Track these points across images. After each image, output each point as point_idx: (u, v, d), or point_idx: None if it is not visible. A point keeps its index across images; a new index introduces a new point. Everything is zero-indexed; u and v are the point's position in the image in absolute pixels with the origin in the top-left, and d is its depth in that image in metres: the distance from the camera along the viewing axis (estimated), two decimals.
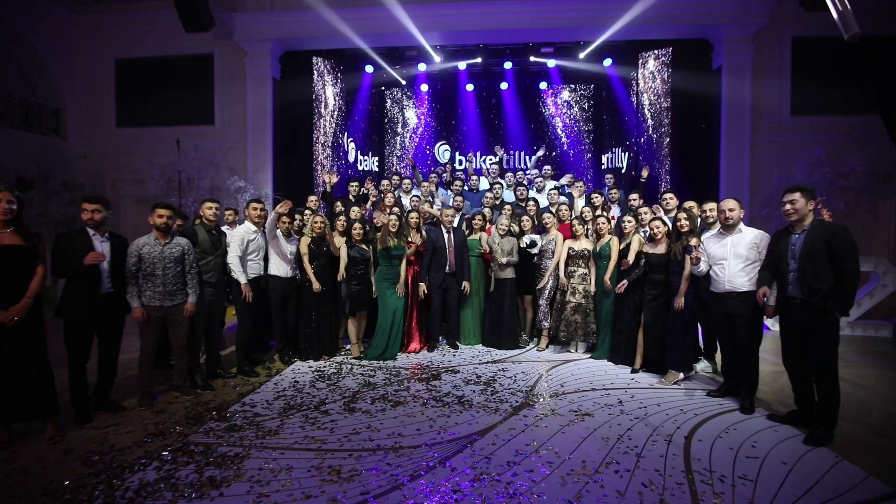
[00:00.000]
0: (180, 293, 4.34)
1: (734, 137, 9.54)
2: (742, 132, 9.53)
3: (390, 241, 5.56)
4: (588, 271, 5.73)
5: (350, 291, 5.49)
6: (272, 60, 10.03)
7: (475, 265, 6.13)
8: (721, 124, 9.59)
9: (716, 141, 9.70)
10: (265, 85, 10.03)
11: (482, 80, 11.22)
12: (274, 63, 10.09)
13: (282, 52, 10.21)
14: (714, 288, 4.32)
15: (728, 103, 9.56)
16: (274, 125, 10.07)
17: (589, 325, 5.63)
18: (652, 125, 10.22)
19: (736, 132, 9.54)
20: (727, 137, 9.56)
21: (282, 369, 5.25)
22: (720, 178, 9.62)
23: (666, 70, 9.94)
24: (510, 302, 5.95)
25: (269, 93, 10.03)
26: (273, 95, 10.07)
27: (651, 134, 10.23)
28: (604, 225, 5.62)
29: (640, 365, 5.13)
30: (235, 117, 10.18)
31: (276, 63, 10.18)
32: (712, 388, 4.65)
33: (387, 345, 5.58)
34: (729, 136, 9.55)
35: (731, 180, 9.52)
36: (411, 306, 5.83)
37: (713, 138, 9.74)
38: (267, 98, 10.03)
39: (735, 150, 9.53)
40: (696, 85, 9.82)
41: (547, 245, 5.90)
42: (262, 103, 10.03)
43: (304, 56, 10.26)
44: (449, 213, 5.92)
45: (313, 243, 5.46)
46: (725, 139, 9.56)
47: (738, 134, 9.54)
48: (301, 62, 10.27)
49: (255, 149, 10.04)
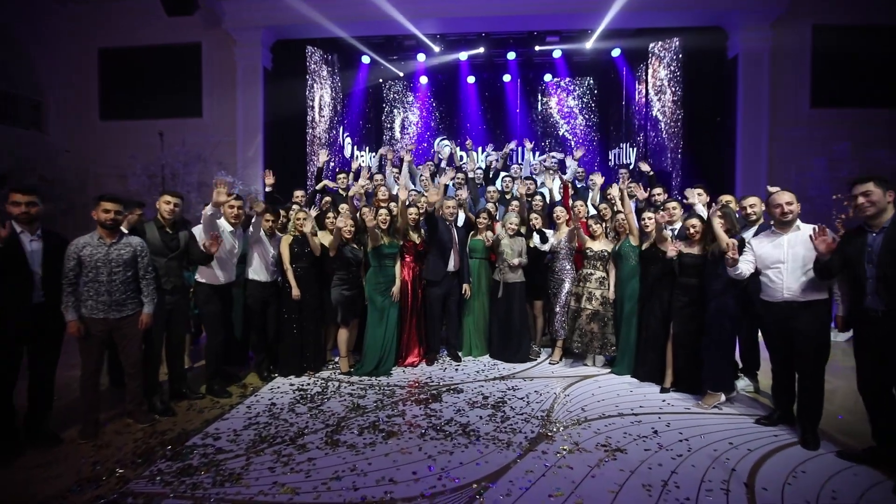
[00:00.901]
0: (131, 302, 3.52)
1: (751, 131, 8.73)
2: (759, 125, 8.71)
3: (382, 239, 4.75)
4: (606, 275, 4.93)
5: (341, 297, 4.68)
6: (263, 50, 9.19)
7: (478, 267, 5.31)
8: (737, 117, 8.77)
9: (731, 135, 8.88)
10: (256, 75, 9.19)
11: (484, 73, 10.40)
12: (265, 52, 9.26)
13: (273, 41, 9.37)
14: (767, 296, 3.52)
15: (745, 95, 8.73)
16: (265, 118, 9.24)
17: (607, 335, 4.83)
18: (662, 119, 9.42)
19: (753, 125, 8.73)
20: (744, 131, 8.74)
21: (259, 387, 4.44)
22: (736, 174, 8.80)
23: (678, 60, 9.14)
24: (520, 308, 5.13)
25: (259, 84, 9.19)
26: (264, 87, 9.23)
27: (661, 128, 9.42)
28: (623, 222, 4.82)
29: (670, 383, 4.32)
30: (224, 110, 9.34)
31: (268, 53, 9.34)
32: (759, 413, 3.85)
33: (380, 359, 4.77)
34: (745, 129, 8.73)
35: (748, 176, 8.70)
36: (409, 313, 5.01)
37: (728, 132, 8.92)
38: (257, 89, 9.19)
39: (752, 144, 8.72)
40: (710, 75, 9.02)
41: (560, 244, 5.09)
42: (253, 95, 9.19)
43: (297, 46, 9.44)
44: (450, 205, 5.10)
45: (296, 243, 4.65)
46: (742, 133, 8.74)
47: (756, 127, 8.72)
48: (294, 52, 9.44)
49: (244, 143, 9.21)
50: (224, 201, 3.98)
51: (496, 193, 6.04)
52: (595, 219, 5.01)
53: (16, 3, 8.92)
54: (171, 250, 3.88)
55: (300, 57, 9.47)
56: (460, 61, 9.96)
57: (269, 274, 4.59)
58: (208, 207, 3.93)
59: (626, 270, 4.74)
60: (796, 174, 8.70)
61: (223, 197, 3.94)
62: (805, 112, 8.79)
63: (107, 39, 9.60)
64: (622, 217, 4.83)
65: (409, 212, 4.98)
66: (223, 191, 3.94)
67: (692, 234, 4.17)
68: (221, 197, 3.94)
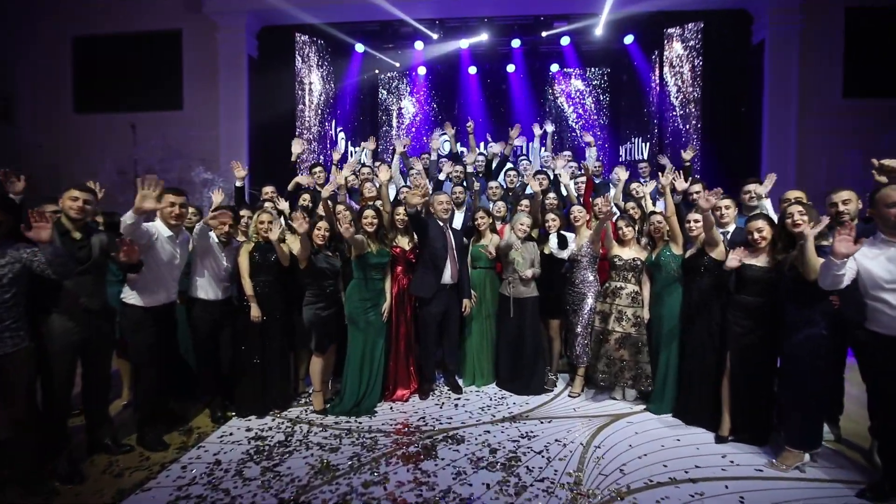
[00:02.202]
0: (14, 335, 2.47)
1: (778, 122, 7.60)
2: (787, 116, 7.59)
3: (368, 246, 3.68)
4: (639, 289, 3.85)
5: (315, 317, 3.61)
6: (248, 36, 8.10)
7: (481, 278, 4.23)
8: (763, 107, 7.65)
9: (756, 127, 7.76)
10: (240, 64, 8.09)
11: (486, 63, 9.28)
12: (250, 39, 8.16)
13: (259, 28, 8.27)
14: (880, 326, 2.45)
15: (771, 83, 7.61)
16: (250, 110, 8.15)
17: (641, 364, 3.74)
18: (680, 111, 8.30)
19: (780, 116, 7.60)
20: (770, 122, 7.62)
21: (207, 434, 3.37)
22: (762, 169, 7.67)
23: (697, 46, 8.02)
24: (532, 329, 4.05)
25: (244, 73, 8.09)
26: (249, 76, 8.13)
27: (679, 121, 8.31)
28: (661, 225, 3.74)
29: (728, 431, 3.25)
30: (207, 101, 8.23)
31: (253, 40, 8.24)
32: (853, 475, 2.79)
33: (362, 394, 3.71)
34: (772, 120, 7.61)
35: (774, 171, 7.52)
36: (399, 336, 3.93)
37: (753, 124, 7.81)
38: (242, 79, 8.09)
39: (779, 136, 7.60)
40: (733, 63, 7.89)
41: (581, 250, 4.01)
42: (237, 85, 8.09)
43: (285, 32, 8.33)
44: (443, 201, 3.99)
45: (258, 251, 3.58)
46: (769, 124, 7.62)
47: (783, 118, 7.60)
48: (281, 39, 8.34)
49: (227, 136, 8.12)
50: (149, 209, 2.87)
51: (499, 190, 4.95)
52: (626, 220, 3.93)
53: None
54: (80, 262, 2.80)
55: (288, 45, 8.37)
56: (461, 50, 8.84)
57: (222, 290, 3.52)
58: (127, 215, 2.84)
59: (665, 284, 3.65)
60: (827, 169, 7.60)
61: (149, 203, 2.83)
62: (837, 102, 7.66)
63: (82, 27, 8.51)
64: (659, 219, 3.75)
65: (397, 211, 3.90)
66: (150, 194, 2.84)
67: (757, 241, 3.09)
68: (147, 203, 2.82)
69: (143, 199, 2.79)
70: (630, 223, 3.95)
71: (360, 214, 3.71)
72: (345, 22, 8.37)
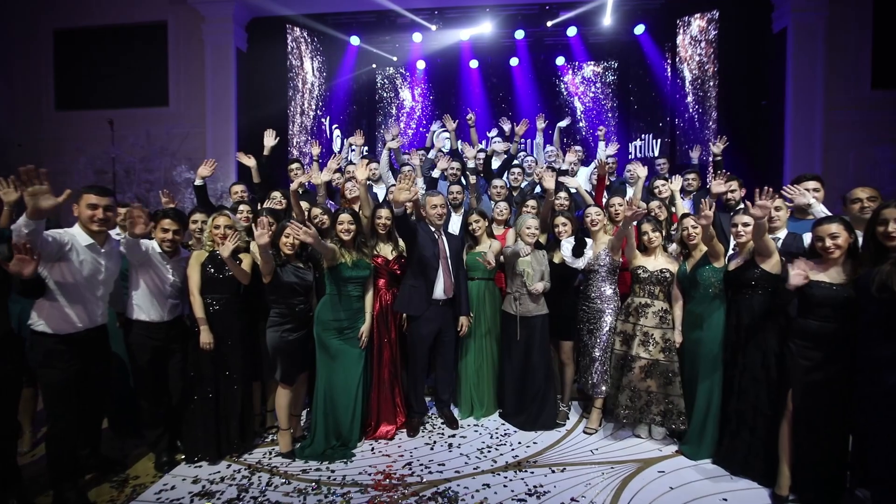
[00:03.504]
0: None
1: (802, 116, 6.83)
2: (812, 109, 6.81)
3: (342, 256, 2.97)
4: (669, 306, 3.12)
5: (280, 342, 2.90)
6: (236, 28, 7.40)
7: (478, 291, 3.49)
8: (786, 100, 6.87)
9: (778, 121, 6.99)
10: (227, 58, 7.40)
11: (489, 56, 8.53)
12: (238, 31, 7.47)
13: (248, 19, 7.58)
14: None
15: (795, 74, 6.83)
16: (238, 106, 7.46)
17: (671, 398, 3.02)
18: (695, 105, 7.55)
19: (804, 109, 6.82)
20: (794, 116, 6.84)
21: (146, 485, 2.68)
22: (784, 165, 6.91)
23: (713, 36, 7.26)
24: (542, 352, 3.32)
25: (231, 67, 7.40)
26: (237, 70, 7.44)
27: (694, 115, 7.55)
28: (694, 230, 3.01)
29: (788, 489, 2.51)
30: (193, 97, 7.55)
31: (242, 31, 7.55)
32: None
33: (335, 433, 3.00)
34: (796, 114, 6.84)
35: (798, 168, 6.75)
36: (380, 363, 3.22)
37: (775, 118, 7.04)
38: (229, 73, 7.40)
39: (804, 131, 6.82)
40: (753, 53, 7.14)
41: (599, 259, 3.28)
42: (224, 80, 7.40)
43: (276, 23, 7.62)
44: (437, 204, 3.27)
45: (212, 263, 2.88)
46: (792, 118, 6.84)
47: (808, 111, 6.82)
48: (272, 31, 7.64)
49: (215, 134, 7.44)
50: (48, 208, 2.10)
51: (504, 190, 4.23)
52: (651, 223, 3.20)
53: None
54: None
55: (280, 37, 7.68)
56: (461, 42, 8.12)
57: (168, 309, 2.83)
58: (21, 221, 2.13)
59: (703, 301, 2.92)
60: (855, 165, 6.84)
61: (45, 202, 2.08)
62: (865, 94, 6.87)
63: (63, 19, 7.84)
64: (693, 223, 3.01)
65: (378, 214, 3.18)
66: (40, 190, 2.07)
67: (830, 250, 2.36)
68: (43, 202, 2.07)
69: (35, 199, 2.08)
70: (656, 227, 3.22)
71: (335, 219, 2.99)
72: (338, 12, 7.70)
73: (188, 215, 3.15)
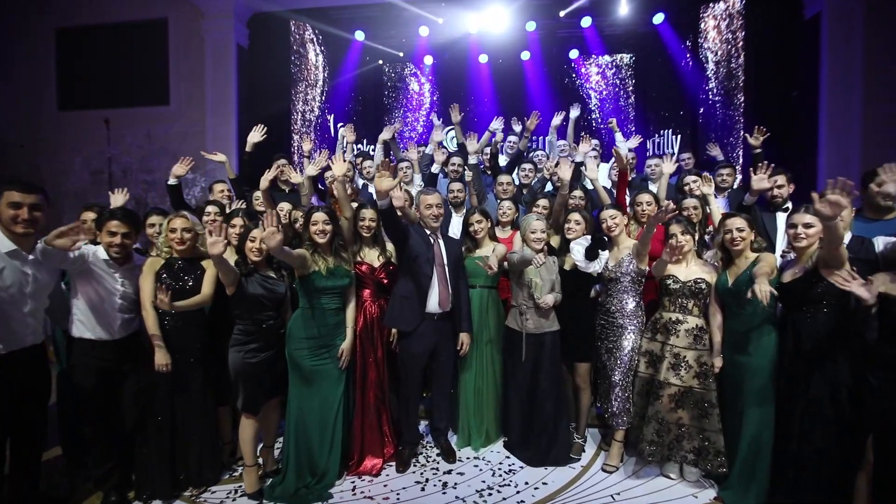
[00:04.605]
0: None
1: (839, 108, 6.13)
2: (850, 102, 6.11)
3: (315, 263, 2.48)
4: (706, 323, 2.57)
5: (243, 365, 2.42)
6: (236, 23, 7.01)
7: (480, 300, 2.96)
8: (820, 92, 6.19)
9: (812, 114, 6.31)
10: (227, 54, 7.02)
11: (498, 50, 7.99)
12: (239, 27, 7.08)
13: (249, 15, 7.18)
14: None
15: (830, 63, 6.15)
16: (239, 103, 7.07)
17: (708, 433, 2.46)
18: (719, 99, 6.91)
19: (841, 102, 6.13)
20: (829, 109, 6.15)
21: None
22: (819, 161, 6.22)
23: (739, 24, 6.63)
24: (552, 375, 2.79)
25: (232, 64, 7.02)
26: (238, 67, 7.05)
27: (717, 110, 6.92)
28: (740, 234, 2.44)
29: None
30: (193, 95, 7.18)
31: (242, 27, 7.16)
32: None
33: (309, 469, 2.52)
34: (831, 106, 6.15)
35: (834, 164, 6.11)
36: (365, 385, 2.72)
37: (808, 111, 6.36)
38: (230, 70, 7.01)
39: (841, 125, 6.12)
40: (783, 40, 6.48)
41: (620, 266, 2.73)
42: (224, 77, 7.02)
43: (278, 19, 7.21)
44: (432, 203, 2.74)
45: (167, 271, 2.42)
46: (827, 111, 6.16)
47: (845, 104, 6.12)
48: (274, 26, 7.23)
49: (215, 133, 7.06)
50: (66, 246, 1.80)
51: (510, 187, 3.70)
52: (682, 224, 2.64)
53: None
54: None
55: (282, 33, 7.28)
56: (470, 36, 7.60)
57: (119, 325, 2.38)
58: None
59: (750, 320, 2.36)
60: None
61: None
62: None
63: (64, 18, 7.55)
64: (740, 225, 2.44)
65: (363, 215, 2.69)
66: None
67: None
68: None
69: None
70: (687, 229, 2.66)
71: (307, 219, 2.51)
72: (342, 6, 7.24)
73: (144, 217, 2.71)
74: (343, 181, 2.64)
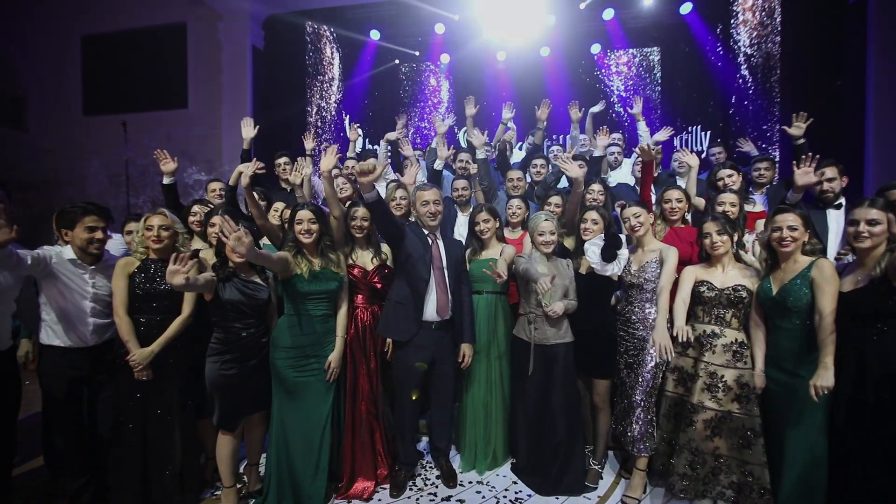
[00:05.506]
0: None
1: (889, 98, 5.53)
2: None
3: (298, 266, 2.21)
4: (746, 338, 2.18)
5: (219, 378, 2.16)
6: (252, 26, 6.91)
7: (487, 307, 2.63)
8: (867, 80, 5.59)
9: (857, 105, 5.72)
10: (243, 56, 6.92)
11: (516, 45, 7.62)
12: (255, 29, 6.97)
13: (265, 16, 7.06)
14: None
15: (877, 50, 5.55)
16: (255, 104, 6.96)
17: (750, 466, 2.06)
18: (752, 91, 6.37)
19: (891, 91, 5.54)
20: (877, 99, 5.55)
21: None
22: (865, 158, 5.61)
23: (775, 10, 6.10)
24: (566, 392, 2.43)
25: (247, 65, 6.92)
26: (253, 68, 6.95)
27: (750, 104, 6.39)
28: (791, 233, 2.03)
29: None
30: (210, 98, 7.12)
31: (258, 29, 7.05)
32: None
33: (291, 492, 2.24)
34: (880, 96, 5.53)
35: (883, 157, 5.51)
36: (356, 400, 2.43)
37: (853, 101, 5.77)
38: (245, 72, 6.92)
39: (891, 116, 5.53)
40: (824, 27, 5.91)
41: (643, 271, 2.36)
42: (240, 79, 6.93)
43: (294, 20, 7.06)
44: (429, 200, 2.43)
45: (143, 273, 2.20)
46: (874, 102, 5.56)
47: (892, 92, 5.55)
48: (289, 28, 7.09)
49: (230, 135, 6.94)
50: None
51: (521, 183, 3.35)
52: (718, 223, 2.25)
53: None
54: None
55: (298, 34, 7.14)
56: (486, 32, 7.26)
57: (91, 331, 2.17)
58: None
59: (798, 335, 1.96)
60: None
61: None
62: None
63: (89, 25, 7.61)
64: (792, 223, 2.04)
65: (354, 214, 2.40)
66: None
67: None
68: None
69: None
70: (723, 229, 2.27)
71: (292, 217, 2.24)
72: (357, 5, 7.03)
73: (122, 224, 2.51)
74: (329, 177, 2.37)
